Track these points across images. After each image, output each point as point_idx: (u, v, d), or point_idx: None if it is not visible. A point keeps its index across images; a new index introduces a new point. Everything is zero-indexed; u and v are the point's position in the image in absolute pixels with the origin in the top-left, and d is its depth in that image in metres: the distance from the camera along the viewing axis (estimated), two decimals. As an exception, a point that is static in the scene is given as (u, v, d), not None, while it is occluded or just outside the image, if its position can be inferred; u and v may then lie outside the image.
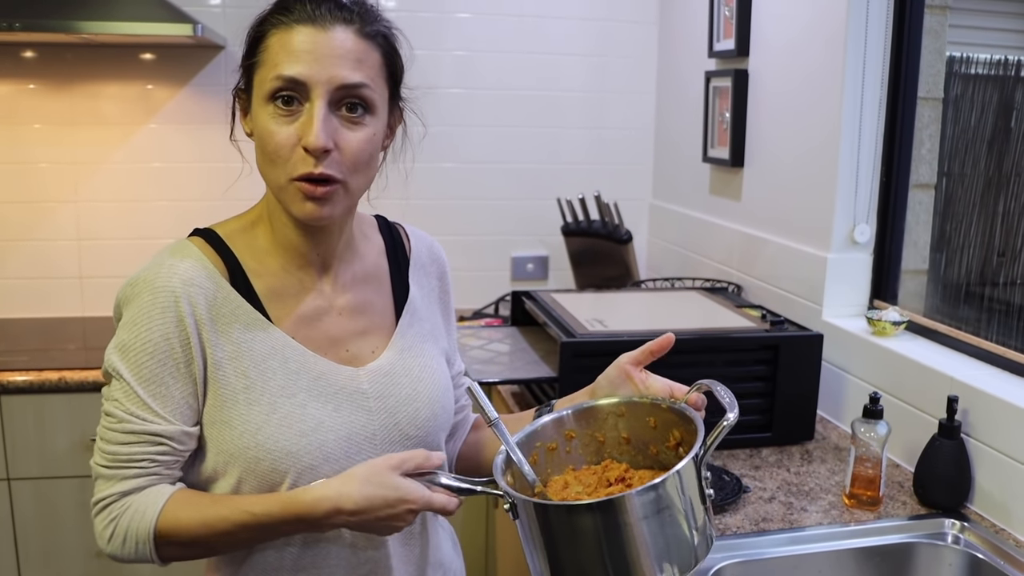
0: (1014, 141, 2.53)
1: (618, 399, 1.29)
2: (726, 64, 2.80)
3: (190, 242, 1.27)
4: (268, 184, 1.25)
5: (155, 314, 1.18)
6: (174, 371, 1.20)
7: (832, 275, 2.27)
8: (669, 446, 1.24)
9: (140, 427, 1.19)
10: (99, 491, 1.21)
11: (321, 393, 1.26)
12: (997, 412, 1.73)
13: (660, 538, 1.06)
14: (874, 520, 1.74)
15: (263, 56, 1.20)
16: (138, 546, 1.19)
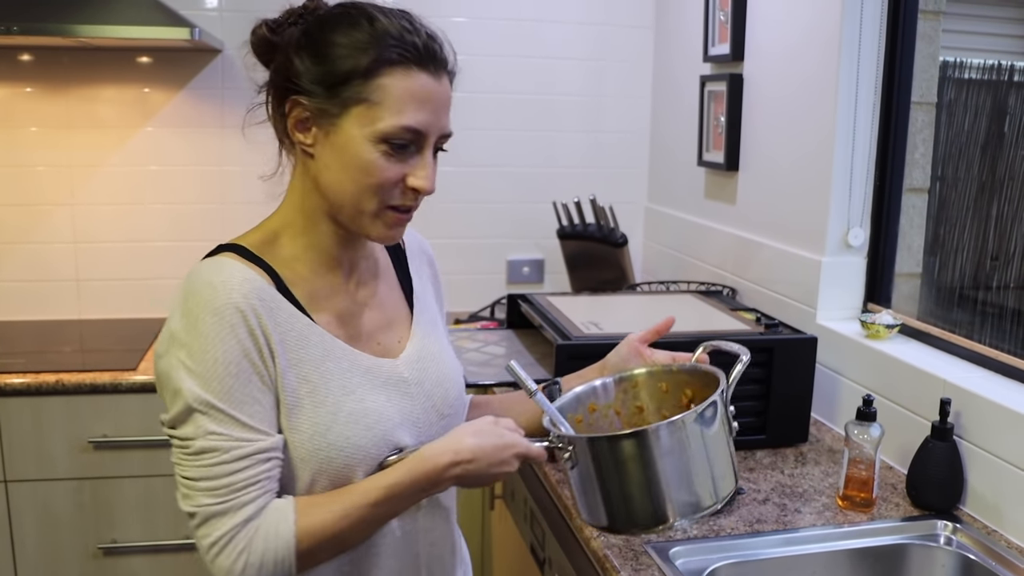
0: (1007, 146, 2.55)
1: (635, 370, 1.48)
2: (721, 68, 2.82)
3: (226, 257, 1.26)
4: (345, 205, 1.26)
5: (225, 334, 1.18)
6: (259, 383, 1.21)
7: (826, 278, 2.28)
8: (682, 405, 1.44)
9: (250, 448, 1.19)
10: (216, 530, 1.18)
11: (373, 386, 1.31)
12: (989, 414, 1.74)
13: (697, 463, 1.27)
14: (867, 522, 1.75)
15: (378, 96, 1.21)
16: (276, 566, 1.20)
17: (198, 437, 1.18)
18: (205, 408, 1.17)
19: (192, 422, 1.18)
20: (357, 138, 1.22)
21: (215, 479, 1.18)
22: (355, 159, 1.22)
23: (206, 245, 3.38)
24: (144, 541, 2.70)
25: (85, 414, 2.60)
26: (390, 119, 1.20)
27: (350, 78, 1.21)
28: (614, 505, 1.28)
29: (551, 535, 1.99)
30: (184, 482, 1.20)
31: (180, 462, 1.20)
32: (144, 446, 2.64)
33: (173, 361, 1.19)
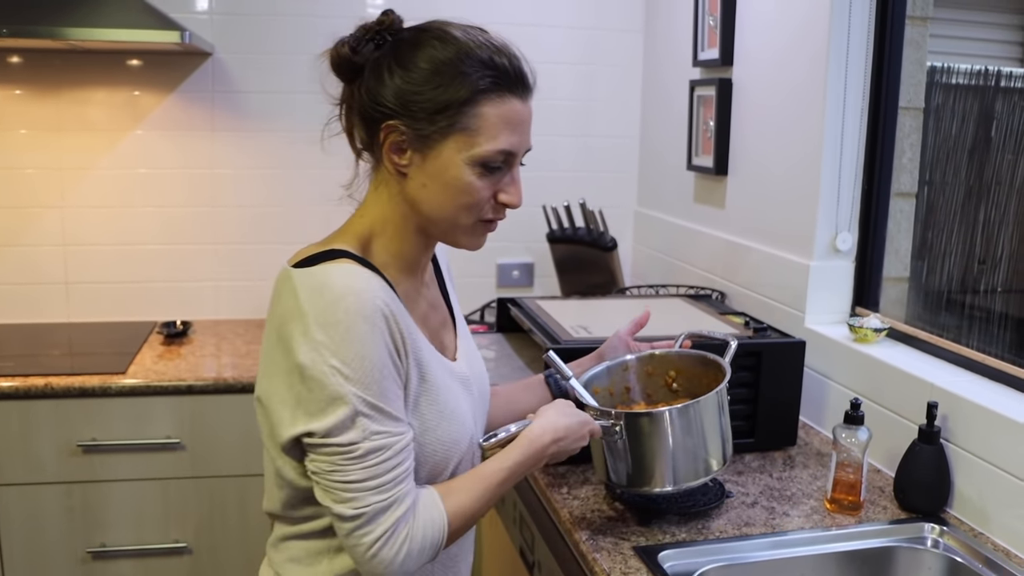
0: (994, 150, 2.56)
1: (626, 357, 1.81)
2: (710, 73, 2.83)
3: (348, 264, 1.30)
4: (442, 220, 1.34)
5: (377, 339, 1.24)
6: (399, 381, 1.30)
7: (814, 282, 2.29)
8: (667, 384, 1.80)
9: (404, 441, 1.28)
10: (380, 525, 1.26)
11: (455, 384, 1.43)
12: (976, 418, 1.75)
13: (708, 434, 1.63)
14: (855, 524, 1.76)
15: (475, 123, 1.28)
16: (431, 550, 1.31)
17: (364, 439, 1.24)
18: (369, 411, 1.24)
19: (357, 427, 1.24)
20: (455, 162, 1.30)
21: (381, 476, 1.25)
22: (454, 181, 1.30)
23: (196, 248, 3.40)
24: (133, 545, 2.69)
25: (74, 418, 2.59)
26: (487, 144, 1.29)
27: (449, 107, 1.28)
28: (645, 466, 1.61)
29: (540, 538, 1.99)
30: (347, 486, 1.25)
31: (341, 467, 1.25)
32: (133, 450, 2.63)
33: (325, 369, 1.22)
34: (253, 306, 3.32)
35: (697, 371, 1.78)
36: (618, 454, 1.62)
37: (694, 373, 1.79)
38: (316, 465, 1.27)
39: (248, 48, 3.15)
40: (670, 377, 1.81)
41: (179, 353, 2.88)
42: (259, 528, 2.75)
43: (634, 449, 1.60)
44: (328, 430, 1.24)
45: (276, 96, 3.19)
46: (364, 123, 1.37)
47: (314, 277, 1.26)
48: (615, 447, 1.62)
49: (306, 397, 1.24)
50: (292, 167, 3.26)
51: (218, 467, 2.70)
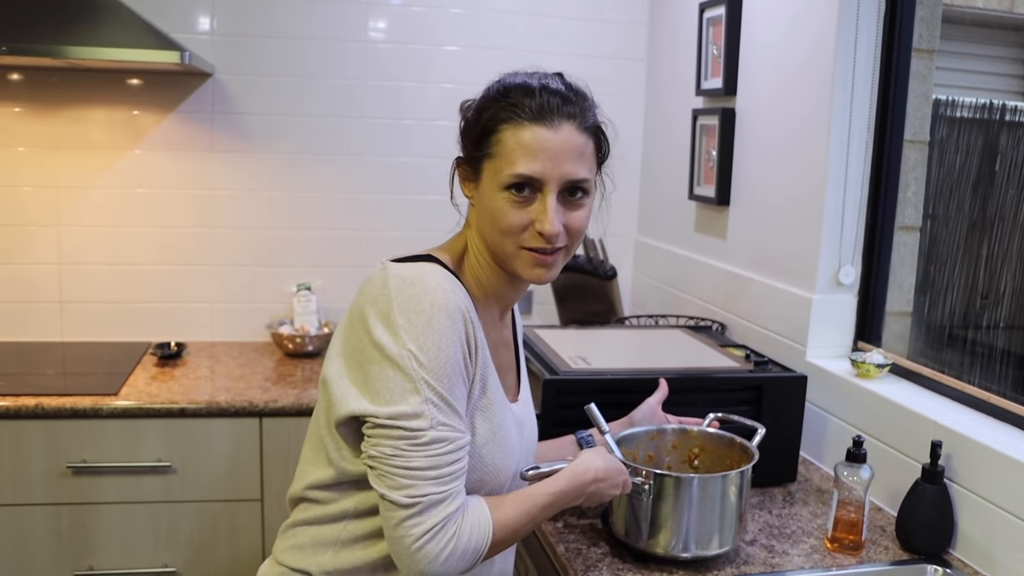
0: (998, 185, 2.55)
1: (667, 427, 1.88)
2: (714, 102, 2.81)
3: (439, 266, 1.36)
4: (493, 247, 1.41)
5: (455, 336, 1.29)
6: (466, 385, 1.34)
7: (816, 316, 2.26)
8: (689, 459, 1.85)
9: (465, 440, 1.32)
10: (432, 518, 1.28)
11: (510, 420, 1.46)
12: (980, 458, 1.72)
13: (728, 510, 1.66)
14: (856, 565, 1.73)
15: (496, 149, 1.36)
16: (474, 555, 1.32)
17: (431, 427, 1.27)
18: (438, 400, 1.28)
19: (425, 414, 1.27)
20: (490, 189, 1.37)
21: (442, 467, 1.28)
22: (490, 207, 1.37)
23: (193, 269, 3.38)
24: (121, 568, 2.65)
25: (64, 439, 2.56)
26: (507, 168, 1.35)
27: (482, 138, 1.38)
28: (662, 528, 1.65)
29: (534, 570, 1.96)
30: (408, 473, 1.27)
31: (404, 452, 1.27)
32: (123, 472, 2.60)
33: (403, 352, 1.27)
34: (249, 328, 3.30)
35: (722, 451, 1.82)
36: (641, 513, 1.66)
37: (719, 453, 1.83)
38: (378, 449, 1.29)
39: (248, 69, 3.14)
40: (693, 453, 1.86)
41: (172, 375, 2.85)
42: (249, 553, 2.71)
43: (655, 510, 1.64)
44: (396, 414, 1.27)
45: (275, 118, 3.17)
46: None
47: (409, 270, 1.32)
48: (639, 505, 1.66)
49: (377, 377, 1.28)
50: (291, 189, 3.24)
51: (209, 491, 2.66)
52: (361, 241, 3.32)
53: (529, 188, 1.35)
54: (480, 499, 1.36)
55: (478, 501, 1.35)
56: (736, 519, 1.68)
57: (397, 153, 3.29)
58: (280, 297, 3.29)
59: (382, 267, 1.35)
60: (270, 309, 3.30)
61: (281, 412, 2.64)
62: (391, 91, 3.25)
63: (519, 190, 1.35)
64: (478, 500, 1.36)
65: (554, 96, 1.37)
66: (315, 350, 3.15)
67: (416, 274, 1.31)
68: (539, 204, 1.36)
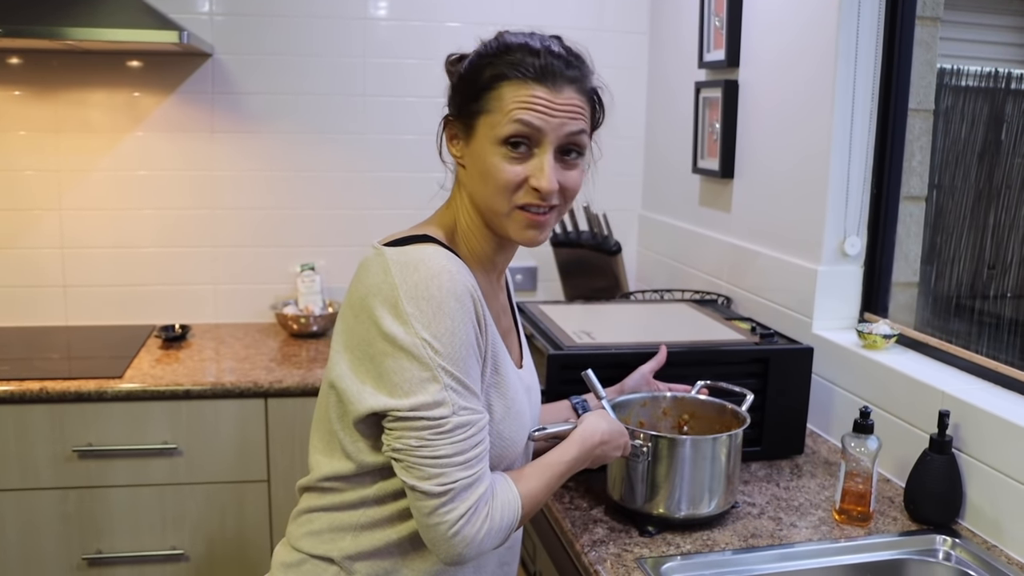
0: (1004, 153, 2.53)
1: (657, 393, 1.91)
2: (716, 75, 2.79)
3: (437, 245, 1.34)
4: (485, 208, 1.38)
5: (466, 318, 1.28)
6: (479, 365, 1.33)
7: (822, 288, 2.25)
8: (678, 425, 1.89)
9: (485, 420, 1.32)
10: (464, 502, 1.28)
11: (520, 388, 1.45)
12: (989, 427, 1.71)
13: (719, 471, 1.70)
14: (864, 536, 1.72)
15: (495, 104, 1.33)
16: (507, 531, 1.34)
17: (454, 414, 1.27)
18: (457, 386, 1.27)
19: (447, 402, 1.26)
20: (485, 144, 1.34)
21: (467, 452, 1.28)
22: (485, 163, 1.34)
23: (195, 251, 3.38)
24: (130, 551, 2.66)
25: (70, 423, 2.56)
26: (506, 121, 1.32)
27: (480, 93, 1.35)
28: (658, 489, 1.69)
29: (542, 548, 1.96)
30: (436, 461, 1.26)
31: (430, 442, 1.26)
32: (129, 455, 2.60)
33: (417, 341, 1.25)
34: (253, 310, 3.29)
35: (711, 417, 1.86)
36: (636, 475, 1.70)
37: (708, 419, 1.86)
38: (403, 442, 1.27)
39: (248, 49, 3.12)
40: (683, 420, 1.90)
41: (177, 357, 2.85)
42: (257, 533, 2.72)
43: (652, 471, 1.69)
44: (418, 405, 1.26)
45: (276, 97, 3.16)
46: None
47: (408, 254, 1.29)
48: (635, 468, 1.70)
49: (393, 370, 1.26)
50: (293, 169, 3.22)
51: (216, 473, 2.66)
52: (365, 220, 3.31)
53: (526, 144, 1.33)
54: (505, 476, 1.38)
55: (504, 478, 1.37)
56: (725, 480, 1.72)
57: (400, 131, 3.27)
58: (284, 277, 3.28)
59: (377, 252, 1.33)
60: (274, 290, 3.29)
61: (286, 392, 2.64)
62: (394, 68, 3.23)
63: (515, 146, 1.33)
64: (503, 477, 1.37)
65: (557, 59, 1.36)
66: (320, 330, 3.14)
67: (418, 257, 1.28)
68: (536, 160, 1.34)
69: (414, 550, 1.40)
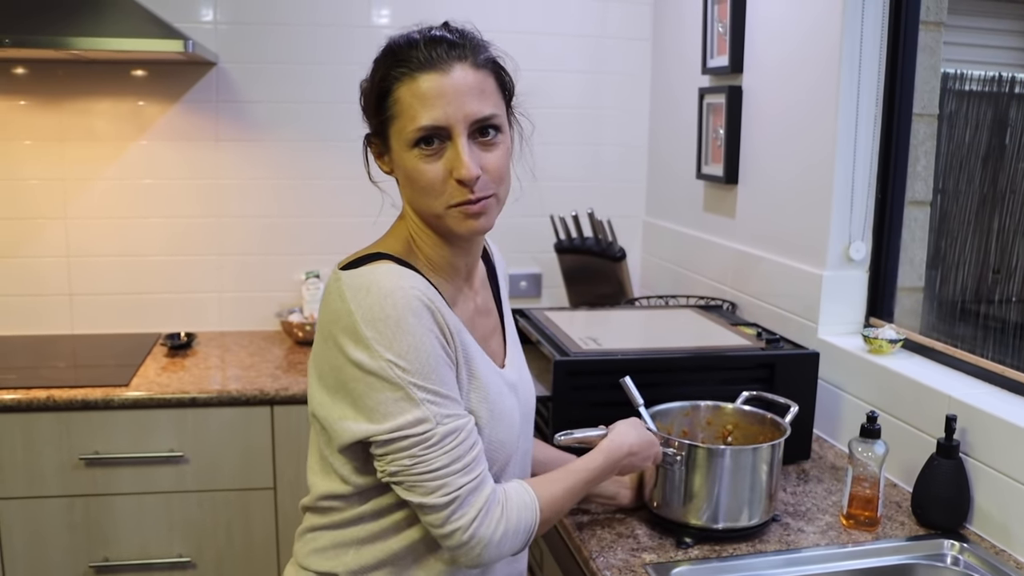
0: (1008, 158, 2.53)
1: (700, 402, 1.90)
2: (720, 80, 2.79)
3: (392, 264, 1.32)
4: (424, 214, 1.35)
5: (427, 330, 1.26)
6: (453, 370, 1.32)
7: (827, 293, 2.25)
8: (723, 435, 1.88)
9: (472, 423, 1.32)
10: (473, 506, 1.29)
11: (505, 388, 1.43)
12: (996, 431, 1.71)
13: (758, 483, 1.68)
14: (872, 541, 1.72)
15: (396, 109, 1.30)
16: (525, 534, 1.35)
17: (439, 424, 1.26)
18: (433, 398, 1.26)
19: (427, 415, 1.26)
20: (400, 152, 1.32)
21: (464, 456, 1.28)
22: (406, 170, 1.32)
23: (201, 259, 3.38)
24: (136, 559, 2.66)
25: (77, 431, 2.56)
26: (410, 125, 1.29)
27: (379, 104, 1.33)
28: (694, 499, 1.68)
29: (549, 555, 1.96)
30: (434, 475, 1.26)
31: (422, 457, 1.26)
32: (135, 463, 2.60)
33: (383, 364, 1.24)
34: (258, 318, 3.29)
35: (755, 429, 1.85)
36: (672, 484, 1.70)
37: (752, 430, 1.85)
38: (396, 464, 1.27)
39: (252, 57, 3.13)
40: (727, 430, 1.89)
41: (183, 365, 2.85)
42: (264, 541, 2.72)
43: (688, 480, 1.68)
44: (398, 426, 1.25)
45: (281, 106, 3.16)
46: None
47: (361, 277, 1.28)
48: (672, 476, 1.70)
49: (366, 395, 1.26)
50: (297, 177, 3.23)
51: (222, 481, 2.66)
52: (370, 227, 3.29)
53: (438, 139, 1.29)
54: (522, 481, 1.40)
55: (520, 483, 1.39)
56: (766, 494, 1.70)
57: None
58: (289, 285, 3.29)
59: (334, 277, 1.32)
60: (279, 297, 3.29)
61: (292, 400, 2.64)
62: (396, 76, 3.23)
63: (428, 143, 1.29)
64: (519, 482, 1.39)
65: (439, 43, 1.30)
66: (325, 338, 3.14)
67: (370, 279, 1.27)
68: (451, 151, 1.29)
69: (415, 560, 1.40)
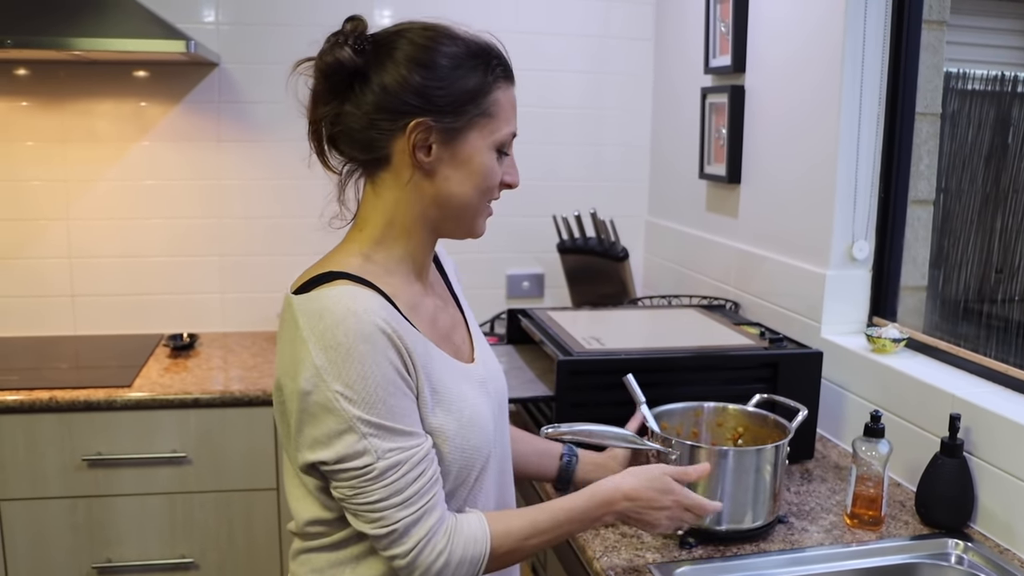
0: (1011, 157, 2.52)
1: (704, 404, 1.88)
2: (722, 80, 2.79)
3: (347, 285, 1.29)
4: (459, 207, 1.36)
5: (379, 357, 1.23)
6: (410, 395, 1.29)
7: (831, 292, 2.25)
8: (733, 437, 1.86)
9: (421, 452, 1.28)
10: (414, 537, 1.27)
11: (474, 390, 1.41)
12: (1000, 430, 1.70)
13: (762, 484, 1.67)
14: (876, 540, 1.72)
15: (494, 109, 1.34)
16: (466, 566, 1.31)
17: (379, 459, 1.24)
18: (376, 431, 1.24)
19: (368, 450, 1.24)
20: (481, 148, 1.34)
21: (404, 490, 1.26)
22: (480, 166, 1.34)
23: (203, 260, 3.38)
24: (139, 560, 2.66)
25: (79, 432, 2.56)
26: (505, 128, 1.36)
27: (474, 96, 1.33)
28: None
29: (553, 556, 1.95)
30: (372, 507, 1.26)
31: (361, 490, 1.25)
32: (138, 464, 2.60)
33: (329, 395, 1.23)
34: (260, 318, 3.29)
35: (763, 432, 1.82)
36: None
37: (760, 433, 1.83)
38: (339, 491, 1.28)
39: (254, 58, 3.13)
40: (737, 432, 1.87)
41: (185, 366, 2.85)
42: (266, 543, 2.72)
43: (691, 483, 1.63)
44: (340, 457, 1.24)
45: (282, 106, 3.16)
46: (362, 131, 1.36)
47: (313, 302, 1.27)
48: None
49: (312, 424, 1.26)
50: (299, 178, 3.23)
51: (225, 481, 2.66)
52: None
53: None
54: (480, 513, 1.36)
55: (477, 515, 1.35)
56: (770, 495, 1.69)
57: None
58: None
59: (287, 304, 1.31)
60: (281, 298, 3.28)
61: (295, 400, 2.64)
62: (398, 77, 3.23)
63: (503, 150, 1.38)
64: (477, 514, 1.36)
65: (509, 61, 1.41)
66: (327, 338, 3.14)
67: (322, 305, 1.25)
68: (510, 161, 1.40)
69: None
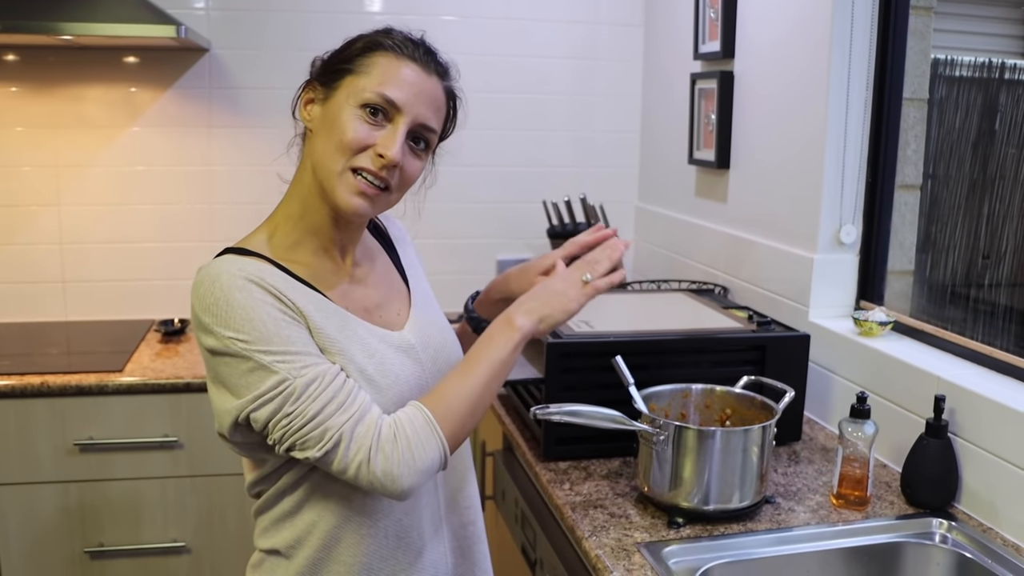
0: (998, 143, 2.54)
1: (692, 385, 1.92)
2: (712, 66, 2.80)
3: (228, 256, 1.36)
4: (322, 169, 1.37)
5: (257, 301, 1.29)
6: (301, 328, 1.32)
7: (818, 276, 2.27)
8: (721, 419, 1.89)
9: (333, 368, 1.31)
10: (363, 438, 1.28)
11: (393, 351, 1.43)
12: (984, 411, 1.72)
13: (749, 464, 1.70)
14: (862, 520, 1.74)
15: (367, 68, 1.37)
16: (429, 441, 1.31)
17: (296, 378, 1.27)
18: (282, 357, 1.28)
19: (280, 372, 1.27)
20: (343, 105, 1.36)
21: (336, 396, 1.29)
22: (336, 121, 1.36)
23: (193, 246, 3.38)
24: (131, 544, 2.67)
25: (71, 416, 2.57)
26: (372, 87, 1.35)
27: (352, 57, 1.39)
28: (684, 480, 1.70)
29: (542, 536, 1.97)
30: (311, 424, 1.27)
31: (294, 412, 1.27)
32: (130, 448, 2.61)
33: (226, 343, 1.28)
34: (251, 304, 3.29)
35: (751, 413, 1.85)
36: (664, 464, 1.71)
37: (748, 414, 1.86)
38: (277, 430, 1.29)
39: (245, 44, 3.13)
40: (725, 414, 1.90)
41: (177, 351, 2.86)
42: (258, 527, 2.73)
43: (677, 462, 1.69)
44: (259, 394, 1.27)
45: (273, 92, 3.16)
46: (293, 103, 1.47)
47: (198, 275, 1.33)
48: (663, 456, 1.70)
49: (225, 376, 1.30)
50: (291, 163, 3.22)
51: (216, 466, 2.67)
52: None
53: (383, 115, 1.36)
54: (412, 403, 1.36)
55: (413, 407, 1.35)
56: (757, 475, 1.71)
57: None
58: (282, 272, 3.29)
59: None
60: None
61: (286, 385, 2.65)
62: (388, 63, 3.23)
63: (374, 113, 1.35)
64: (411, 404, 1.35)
65: (432, 54, 1.43)
66: (318, 324, 3.15)
67: (203, 275, 1.32)
68: (388, 131, 1.36)
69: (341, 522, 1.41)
